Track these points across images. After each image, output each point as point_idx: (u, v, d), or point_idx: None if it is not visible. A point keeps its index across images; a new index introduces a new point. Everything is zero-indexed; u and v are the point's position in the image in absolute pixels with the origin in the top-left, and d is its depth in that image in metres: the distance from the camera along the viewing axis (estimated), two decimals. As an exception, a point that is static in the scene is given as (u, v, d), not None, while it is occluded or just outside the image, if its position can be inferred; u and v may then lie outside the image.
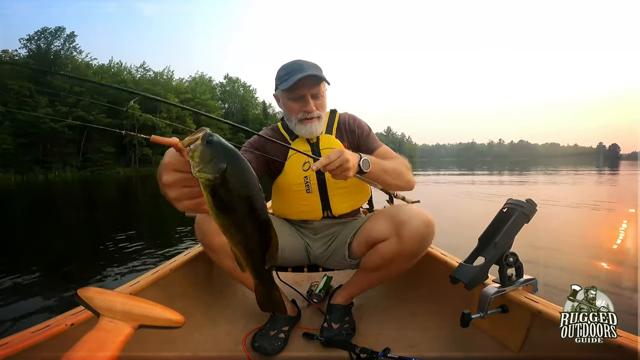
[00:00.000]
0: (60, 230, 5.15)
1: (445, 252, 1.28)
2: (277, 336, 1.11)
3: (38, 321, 0.77)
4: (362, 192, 1.26)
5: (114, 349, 0.63)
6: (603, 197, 7.66)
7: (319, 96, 1.16)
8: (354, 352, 1.02)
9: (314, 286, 1.50)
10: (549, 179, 14.09)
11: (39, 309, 2.09)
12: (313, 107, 1.14)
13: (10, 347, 0.67)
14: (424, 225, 1.02)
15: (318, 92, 1.15)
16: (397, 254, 1.04)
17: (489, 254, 0.87)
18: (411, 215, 1.03)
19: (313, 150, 1.20)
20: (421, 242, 1.03)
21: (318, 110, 1.16)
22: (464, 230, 3.55)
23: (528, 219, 0.90)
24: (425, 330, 1.16)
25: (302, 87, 1.11)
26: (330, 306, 1.22)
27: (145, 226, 4.86)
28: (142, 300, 0.74)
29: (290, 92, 1.14)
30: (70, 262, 3.28)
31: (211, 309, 1.31)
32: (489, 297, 0.88)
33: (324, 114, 1.19)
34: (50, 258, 3.43)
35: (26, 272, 2.77)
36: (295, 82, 1.09)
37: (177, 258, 1.29)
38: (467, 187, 10.55)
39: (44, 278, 2.73)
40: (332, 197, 1.19)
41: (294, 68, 1.13)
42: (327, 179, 1.18)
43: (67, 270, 3.01)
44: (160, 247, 3.61)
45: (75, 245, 4.04)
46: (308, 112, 1.14)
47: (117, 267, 2.93)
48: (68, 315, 0.81)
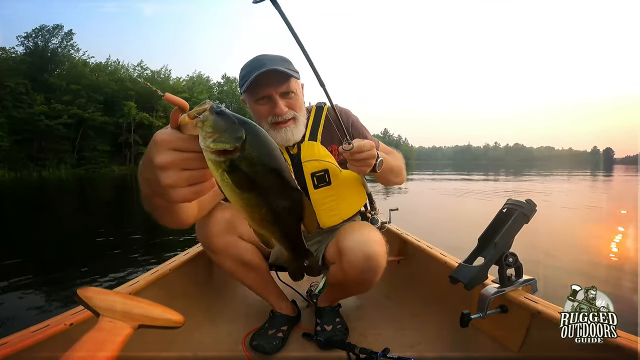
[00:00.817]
0: (56, 228, 5.11)
1: (445, 252, 1.28)
2: (276, 335, 1.10)
3: (37, 321, 0.76)
4: (354, 201, 1.15)
5: (114, 349, 0.63)
6: (598, 200, 7.74)
7: (290, 94, 1.00)
8: (353, 352, 1.02)
9: (313, 286, 1.49)
10: (543, 180, 14.19)
11: (39, 309, 2.08)
12: (283, 108, 0.98)
13: (10, 347, 0.66)
14: (364, 259, 0.94)
15: (288, 90, 0.98)
16: (342, 280, 1.01)
17: (489, 254, 0.87)
18: (354, 246, 0.96)
19: (293, 163, 1.06)
20: (360, 274, 0.96)
21: (292, 111, 1.01)
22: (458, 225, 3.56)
23: (528, 219, 0.90)
24: (425, 330, 1.16)
25: (266, 86, 0.96)
26: (319, 309, 1.21)
27: (142, 225, 4.83)
28: (142, 300, 0.74)
29: (254, 93, 0.99)
30: (70, 262, 3.26)
31: (211, 309, 1.30)
32: (488, 297, 0.88)
33: (301, 114, 1.04)
34: (49, 257, 3.41)
35: (24, 272, 2.75)
36: (255, 81, 0.94)
37: (176, 258, 1.28)
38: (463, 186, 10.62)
39: (43, 277, 2.71)
40: (319, 212, 1.08)
41: (253, 65, 0.96)
42: (311, 194, 1.07)
43: (67, 269, 2.98)
44: (160, 246, 3.59)
45: (74, 244, 4.01)
46: (277, 114, 0.98)
47: (117, 267, 2.91)
48: (68, 315, 0.81)
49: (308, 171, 1.07)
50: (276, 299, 1.20)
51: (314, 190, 1.08)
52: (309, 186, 1.09)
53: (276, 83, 0.97)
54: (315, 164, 1.06)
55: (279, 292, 1.22)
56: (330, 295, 1.22)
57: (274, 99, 0.98)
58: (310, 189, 1.09)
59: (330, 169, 1.07)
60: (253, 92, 0.99)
